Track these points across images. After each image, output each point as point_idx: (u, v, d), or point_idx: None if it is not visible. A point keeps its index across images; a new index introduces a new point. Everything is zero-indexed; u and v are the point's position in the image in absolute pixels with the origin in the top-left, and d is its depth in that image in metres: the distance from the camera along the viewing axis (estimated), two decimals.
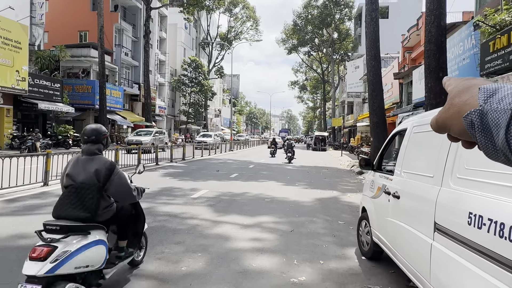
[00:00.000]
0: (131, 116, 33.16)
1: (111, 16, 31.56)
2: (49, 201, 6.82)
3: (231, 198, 7.94)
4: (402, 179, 3.33)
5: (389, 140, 4.33)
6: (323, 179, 12.51)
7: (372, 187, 4.22)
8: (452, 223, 2.23)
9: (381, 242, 3.72)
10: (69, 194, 2.77)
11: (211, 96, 50.24)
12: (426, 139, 3.02)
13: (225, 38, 53.11)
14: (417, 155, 3.25)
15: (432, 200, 2.52)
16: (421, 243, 2.64)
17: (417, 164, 3.16)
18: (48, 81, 23.17)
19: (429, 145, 2.94)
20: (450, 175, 2.38)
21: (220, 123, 64.85)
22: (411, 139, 3.35)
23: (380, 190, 3.83)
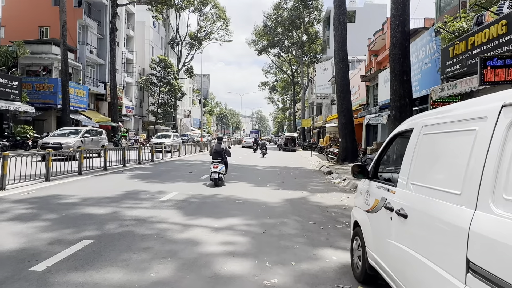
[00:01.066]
0: (96, 116, 31.95)
1: (74, 12, 30.25)
2: (2, 207, 6.38)
3: (201, 201, 7.82)
4: (409, 193, 2.65)
5: (387, 143, 3.63)
6: (293, 179, 12.64)
7: (368, 198, 3.58)
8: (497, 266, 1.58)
9: (379, 267, 3.10)
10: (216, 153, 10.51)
11: (181, 96, 49.46)
12: (446, 142, 2.36)
13: (194, 37, 52.47)
14: (432, 163, 2.53)
15: (462, 228, 1.85)
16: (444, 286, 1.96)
17: (432, 175, 2.45)
18: (4, 78, 21.83)
19: (452, 149, 2.25)
20: (491, 195, 1.72)
21: (190, 124, 63.98)
22: (421, 142, 2.68)
23: (379, 204, 3.19)
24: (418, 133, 2.77)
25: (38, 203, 6.88)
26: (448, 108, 2.58)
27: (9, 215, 5.82)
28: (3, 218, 5.66)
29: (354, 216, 4.05)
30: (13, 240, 4.52)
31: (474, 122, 2.02)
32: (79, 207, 6.63)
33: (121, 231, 5.13)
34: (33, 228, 5.08)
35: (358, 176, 3.83)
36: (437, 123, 2.56)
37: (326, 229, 5.81)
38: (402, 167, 2.89)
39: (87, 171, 12.08)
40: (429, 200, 2.31)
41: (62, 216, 5.87)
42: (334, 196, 9.32)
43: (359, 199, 3.94)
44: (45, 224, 5.32)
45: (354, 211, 4.12)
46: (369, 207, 3.50)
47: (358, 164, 3.84)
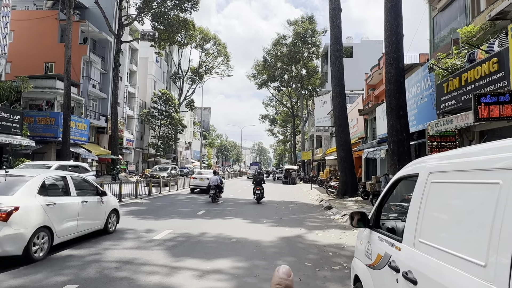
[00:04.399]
0: (96, 149, 32.01)
1: (79, 48, 31.19)
2: None
3: (193, 240, 7.58)
4: (418, 253, 2.21)
5: (389, 188, 3.23)
6: (291, 215, 12.37)
7: (369, 251, 3.15)
8: None
9: None
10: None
11: (181, 129, 49.85)
12: (460, 194, 1.95)
13: (196, 72, 53.73)
14: (444, 219, 2.12)
15: None
16: None
17: (446, 235, 2.02)
18: (6, 113, 22.07)
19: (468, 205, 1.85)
20: None
21: (191, 156, 63.99)
22: (430, 192, 2.25)
23: (382, 260, 2.77)
24: (424, 181, 2.35)
25: None
26: (461, 152, 2.18)
27: None
28: None
29: (354, 270, 3.58)
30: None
31: (497, 173, 1.64)
32: (56, 248, 6.35)
33: (106, 274, 4.90)
34: (11, 274, 4.85)
35: (358, 225, 3.32)
36: (447, 171, 2.14)
37: (322, 271, 5.57)
38: (408, 219, 2.45)
39: None
40: (445, 268, 1.87)
41: (45, 258, 5.65)
42: (332, 233, 9.06)
43: (360, 250, 3.46)
44: (21, 268, 5.09)
45: (354, 263, 3.63)
46: (371, 262, 3.06)
47: (359, 212, 3.39)
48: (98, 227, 7.39)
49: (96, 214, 7.30)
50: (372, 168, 23.90)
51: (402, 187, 3.28)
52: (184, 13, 34.64)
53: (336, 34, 19.51)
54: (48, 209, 5.74)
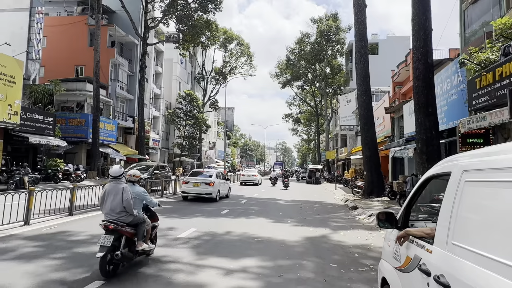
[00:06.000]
0: (124, 149, 32.95)
1: (107, 52, 32.19)
2: (13, 245, 6.33)
3: (218, 238, 7.63)
4: (451, 256, 2.09)
5: (419, 187, 3.08)
6: (315, 215, 12.22)
7: (397, 253, 3.01)
8: None
9: None
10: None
11: (206, 129, 50.46)
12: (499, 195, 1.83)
13: (220, 72, 54.21)
14: (481, 220, 1.98)
15: None
16: None
17: (484, 238, 1.89)
18: (40, 114, 23.12)
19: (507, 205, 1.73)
20: None
21: (215, 156, 64.66)
22: (464, 192, 2.14)
23: (411, 263, 2.65)
24: (457, 180, 2.22)
25: (51, 239, 6.91)
26: (496, 150, 2.05)
27: (19, 253, 5.82)
28: (13, 256, 5.66)
29: (381, 272, 3.42)
30: (22, 281, 4.50)
31: None
32: (88, 245, 6.52)
33: (133, 272, 5.01)
34: (44, 268, 5.05)
35: (385, 225, 3.17)
36: (482, 169, 2.02)
37: (348, 273, 5.45)
38: (440, 220, 2.32)
39: None
40: (480, 272, 1.75)
41: (73, 255, 5.84)
42: (358, 234, 8.87)
43: (387, 252, 3.30)
44: (56, 263, 5.29)
45: (381, 265, 3.48)
46: (399, 264, 2.92)
47: (386, 212, 3.21)
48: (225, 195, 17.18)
49: (226, 188, 17.52)
50: (399, 168, 23.24)
51: (432, 187, 3.12)
52: (207, 14, 35.01)
53: (361, 31, 19.11)
54: (218, 184, 15.67)
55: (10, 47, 20.60)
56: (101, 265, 4.61)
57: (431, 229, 2.58)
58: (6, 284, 4.31)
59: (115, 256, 4.73)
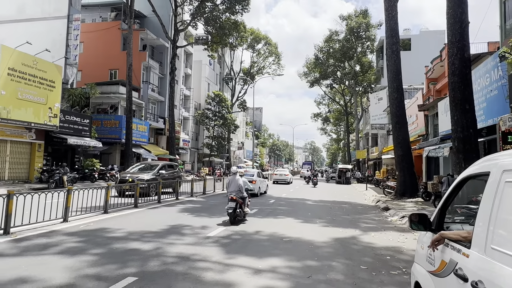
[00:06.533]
0: (155, 150, 33.89)
1: (139, 55, 33.24)
2: (56, 240, 6.72)
3: (246, 238, 7.66)
4: (490, 261, 2.00)
5: (454, 188, 2.97)
6: (345, 215, 11.99)
7: (432, 256, 2.88)
8: None
9: None
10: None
11: (234, 129, 50.88)
12: None
13: (248, 73, 54.48)
14: None
15: None
16: None
17: None
18: (78, 117, 24.26)
19: None
20: None
21: (243, 156, 65.05)
22: (505, 193, 2.05)
23: (447, 267, 2.55)
24: (497, 180, 2.12)
25: (88, 236, 7.23)
26: None
27: (60, 249, 6.14)
28: (55, 251, 5.98)
29: (414, 276, 3.29)
30: (61, 275, 4.73)
31: None
32: (124, 241, 6.82)
33: (164, 269, 5.13)
34: (81, 263, 5.29)
35: (418, 227, 3.06)
36: None
37: (379, 276, 5.30)
38: (478, 223, 2.22)
39: (142, 204, 12.60)
40: None
41: (108, 251, 6.08)
42: (389, 235, 8.61)
43: (421, 255, 3.18)
44: (92, 259, 5.52)
45: (414, 269, 3.34)
46: (433, 268, 2.80)
47: (418, 214, 3.08)
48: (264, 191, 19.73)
49: (264, 186, 20.26)
50: (434, 168, 22.33)
51: (469, 188, 2.96)
52: (235, 15, 35.25)
53: (392, 26, 18.54)
54: (259, 181, 18.88)
55: (50, 53, 21.76)
56: (230, 218, 9.21)
57: (468, 232, 2.45)
58: (47, 277, 4.55)
59: (236, 212, 9.38)
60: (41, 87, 20.04)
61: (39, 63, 20.04)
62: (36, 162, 20.82)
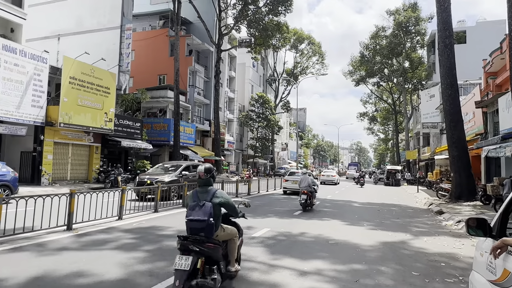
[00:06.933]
0: (201, 151, 34.91)
1: (186, 60, 34.49)
2: (113, 237, 7.24)
3: (291, 239, 7.62)
4: None
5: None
6: (394, 219, 11.48)
7: (492, 265, 2.68)
8: None
9: None
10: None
11: (278, 130, 50.93)
12: None
13: (291, 73, 54.26)
14: None
15: None
16: None
17: None
18: (130, 121, 25.71)
19: None
20: None
21: (287, 157, 64.84)
22: None
23: (509, 277, 2.43)
24: None
25: (141, 233, 7.62)
26: None
27: (115, 244, 6.56)
28: (110, 247, 6.39)
29: (472, 284, 3.07)
30: (115, 270, 5.03)
31: None
32: (173, 239, 7.06)
33: None
34: (134, 259, 5.59)
35: (476, 233, 2.83)
36: None
37: (432, 283, 5.01)
38: None
39: None
40: None
41: (159, 248, 6.36)
42: (444, 241, 8.10)
43: (480, 263, 2.96)
44: (143, 256, 5.81)
45: (472, 277, 3.10)
46: (495, 277, 2.62)
47: (477, 218, 2.87)
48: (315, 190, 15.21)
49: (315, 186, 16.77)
50: (495, 169, 20.63)
51: None
52: (278, 16, 35.33)
53: (444, 19, 17.46)
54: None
55: (105, 61, 23.29)
56: (302, 207, 12.34)
57: None
58: (103, 271, 4.88)
59: (308, 201, 12.36)
60: (97, 93, 21.52)
61: (96, 71, 21.54)
62: (94, 164, 22.38)
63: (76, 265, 5.12)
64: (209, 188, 4.10)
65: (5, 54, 16.59)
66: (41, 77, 18.39)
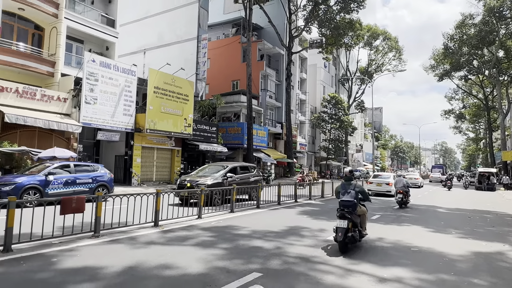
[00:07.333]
0: (274, 154, 35.34)
1: (257, 65, 35.33)
2: (193, 234, 7.71)
3: (368, 244, 7.30)
4: None
5: None
6: (488, 227, 10.26)
7: None
8: None
9: None
10: None
11: (352, 131, 49.17)
12: None
13: (365, 72, 52.05)
14: None
15: None
16: None
17: None
18: (207, 125, 27.18)
19: None
20: None
21: (362, 159, 62.20)
22: None
23: None
24: None
25: (219, 232, 8.00)
26: None
27: (196, 241, 6.99)
28: (192, 243, 6.83)
29: None
30: (197, 264, 5.37)
31: None
32: (248, 239, 7.32)
33: (286, 268, 5.32)
34: (212, 255, 5.90)
35: None
36: None
37: None
38: None
39: (264, 204, 13.29)
40: None
41: (235, 247, 6.61)
42: None
43: None
44: (221, 253, 6.10)
45: None
46: None
47: None
48: None
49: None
50: None
51: None
52: (350, 14, 34.26)
53: None
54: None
55: (184, 71, 25.03)
56: (399, 204, 14.29)
57: None
58: (186, 265, 5.25)
59: (403, 199, 14.34)
60: (178, 101, 23.20)
61: (176, 80, 23.26)
62: (175, 166, 24.13)
63: (163, 258, 5.59)
64: (352, 182, 6.96)
65: (102, 69, 18.87)
66: (131, 88, 20.48)
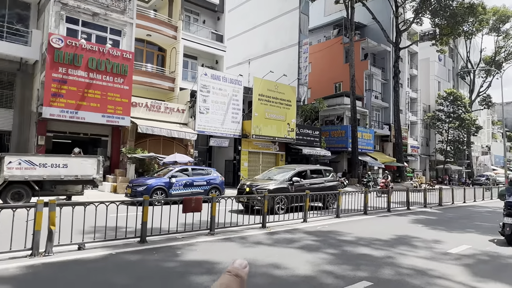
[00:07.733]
0: (381, 157, 33.27)
1: (361, 65, 33.88)
2: (297, 237, 7.81)
3: (499, 261, 6.32)
4: None
5: None
6: None
7: None
8: None
9: None
10: None
11: (475, 130, 42.91)
12: None
13: (491, 61, 45.04)
14: None
15: None
16: None
17: None
18: (309, 129, 27.23)
19: None
20: None
21: (490, 162, 53.72)
22: None
23: None
24: None
25: (324, 236, 7.93)
26: None
27: (301, 244, 7.07)
28: (297, 246, 6.94)
29: None
30: (304, 267, 5.45)
31: None
32: (354, 245, 7.07)
33: (399, 279, 5.00)
34: (318, 259, 5.90)
35: None
36: None
37: None
38: None
39: (372, 211, 12.66)
40: None
41: (342, 253, 6.47)
42: None
43: None
44: (327, 257, 6.05)
45: None
46: None
47: None
48: None
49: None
50: None
51: None
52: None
53: None
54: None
55: (287, 77, 25.63)
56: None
57: None
58: (293, 267, 5.39)
59: None
60: (281, 106, 23.86)
61: (279, 87, 23.97)
62: None
63: (271, 258, 5.85)
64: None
65: (213, 81, 20.69)
66: (238, 97, 21.92)
